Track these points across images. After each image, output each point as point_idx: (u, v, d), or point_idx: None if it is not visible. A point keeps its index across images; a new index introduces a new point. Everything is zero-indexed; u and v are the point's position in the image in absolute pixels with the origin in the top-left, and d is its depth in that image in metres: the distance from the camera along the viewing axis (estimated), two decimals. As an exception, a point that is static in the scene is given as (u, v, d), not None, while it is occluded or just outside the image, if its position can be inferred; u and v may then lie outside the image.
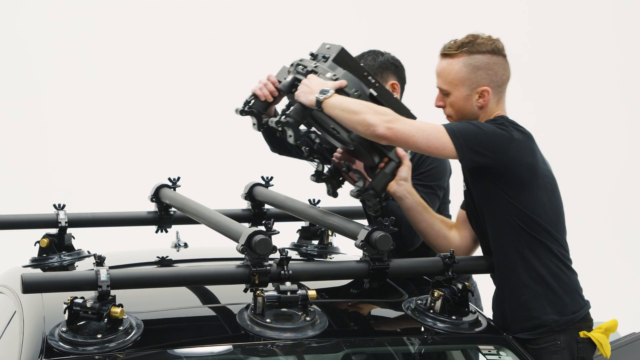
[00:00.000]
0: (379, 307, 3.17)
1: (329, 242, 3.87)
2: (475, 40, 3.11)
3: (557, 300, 3.03)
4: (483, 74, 3.10)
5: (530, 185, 3.02)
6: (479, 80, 3.09)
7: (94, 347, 2.60)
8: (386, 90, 3.20)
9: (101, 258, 2.72)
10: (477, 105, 3.11)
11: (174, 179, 3.79)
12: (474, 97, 3.10)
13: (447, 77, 3.12)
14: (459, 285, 2.98)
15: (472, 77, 3.09)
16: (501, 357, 2.93)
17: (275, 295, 2.72)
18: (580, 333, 3.04)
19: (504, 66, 3.14)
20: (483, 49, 3.10)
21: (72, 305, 2.61)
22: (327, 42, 3.28)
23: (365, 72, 3.16)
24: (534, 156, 3.03)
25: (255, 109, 3.44)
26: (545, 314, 3.02)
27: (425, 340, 2.93)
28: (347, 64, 3.16)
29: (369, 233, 2.93)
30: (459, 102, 3.12)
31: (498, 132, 2.99)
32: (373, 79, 3.15)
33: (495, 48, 3.12)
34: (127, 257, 3.64)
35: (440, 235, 3.20)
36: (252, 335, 2.71)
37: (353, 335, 2.91)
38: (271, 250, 2.77)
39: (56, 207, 3.71)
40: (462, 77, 3.09)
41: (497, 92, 3.12)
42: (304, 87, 3.09)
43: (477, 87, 3.09)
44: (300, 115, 3.12)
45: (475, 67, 3.09)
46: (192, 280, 2.99)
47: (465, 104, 3.11)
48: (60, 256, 3.62)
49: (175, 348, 2.72)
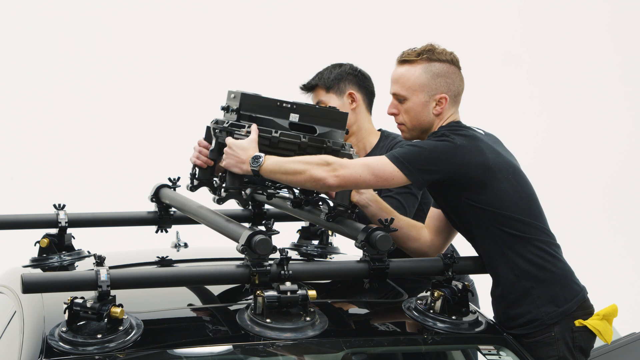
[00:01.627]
0: (379, 307, 3.17)
1: (329, 242, 3.88)
2: (434, 49, 3.16)
3: (547, 292, 3.03)
4: (442, 82, 3.14)
5: (489, 183, 3.02)
6: (438, 87, 3.13)
7: (94, 347, 2.60)
8: (309, 106, 3.18)
9: (101, 258, 2.72)
10: (434, 113, 3.14)
11: (174, 179, 3.80)
12: (432, 105, 3.14)
13: (406, 82, 3.14)
14: (459, 285, 2.98)
15: (431, 83, 3.13)
16: (501, 357, 2.93)
17: (275, 295, 2.72)
18: (576, 322, 3.04)
19: (461, 78, 3.19)
20: (442, 57, 3.15)
21: (72, 305, 2.61)
22: (232, 90, 3.23)
23: (278, 102, 3.14)
24: (483, 154, 3.03)
25: (202, 178, 3.37)
26: (536, 307, 3.02)
27: (425, 340, 2.93)
28: (254, 105, 3.12)
29: (369, 233, 2.93)
30: (415, 109, 3.14)
31: (439, 144, 3.01)
32: (288, 103, 3.14)
33: (453, 59, 3.17)
34: (127, 257, 3.64)
35: (410, 238, 3.22)
36: (252, 335, 2.71)
37: (353, 335, 2.91)
38: (271, 250, 2.78)
39: (56, 207, 3.71)
40: (422, 82, 3.13)
41: (453, 101, 3.16)
42: (230, 158, 3.05)
43: (436, 94, 3.13)
44: (237, 183, 3.10)
45: (435, 73, 3.13)
46: (192, 280, 2.99)
47: (422, 111, 3.14)
48: (60, 256, 3.62)
49: (175, 348, 2.72)
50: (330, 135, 3.17)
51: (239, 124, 3.11)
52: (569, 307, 3.04)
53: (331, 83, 3.67)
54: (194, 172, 3.38)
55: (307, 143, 3.09)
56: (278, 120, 3.11)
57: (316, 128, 3.15)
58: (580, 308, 3.06)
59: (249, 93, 3.14)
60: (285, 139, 3.09)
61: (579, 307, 3.05)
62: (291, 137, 3.09)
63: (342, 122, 3.22)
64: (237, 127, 3.10)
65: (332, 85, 3.66)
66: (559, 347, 3.02)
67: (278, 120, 3.11)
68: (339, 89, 3.67)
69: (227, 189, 3.11)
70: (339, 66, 3.72)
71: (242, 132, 3.07)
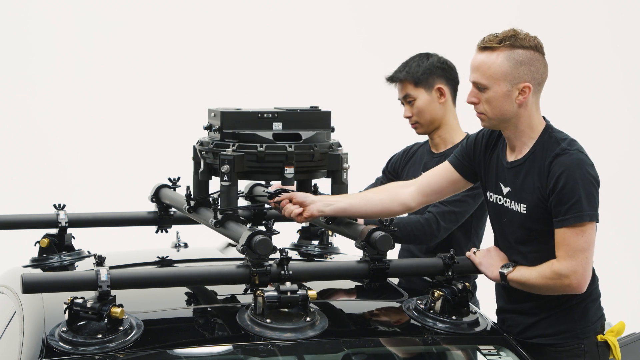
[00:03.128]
0: (379, 307, 3.17)
1: (329, 242, 3.88)
2: (517, 35, 2.96)
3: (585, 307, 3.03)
4: (525, 70, 2.94)
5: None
6: (521, 75, 2.94)
7: (94, 347, 2.60)
8: (291, 112, 3.17)
9: (101, 258, 2.72)
10: (517, 103, 2.95)
11: (174, 179, 3.80)
12: (514, 94, 2.95)
13: (486, 71, 2.95)
14: (459, 286, 2.98)
15: (514, 72, 2.93)
16: (501, 357, 2.93)
17: (275, 295, 2.72)
18: (598, 337, 3.05)
19: (544, 64, 2.99)
20: (525, 44, 2.95)
21: (72, 306, 2.61)
22: (211, 109, 3.23)
23: (259, 113, 3.13)
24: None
25: (198, 199, 3.34)
26: (573, 321, 3.03)
27: (425, 340, 2.93)
28: (235, 121, 3.12)
29: (369, 233, 2.93)
30: (497, 99, 2.95)
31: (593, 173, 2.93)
32: (269, 113, 3.12)
33: (537, 44, 2.98)
34: (127, 257, 3.64)
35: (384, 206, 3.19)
36: (252, 335, 2.71)
37: (353, 335, 2.91)
38: (271, 250, 2.78)
39: (56, 207, 3.71)
40: (504, 71, 2.93)
41: (536, 90, 2.98)
42: (487, 260, 3.05)
43: (519, 83, 2.94)
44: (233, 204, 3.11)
45: (518, 61, 2.93)
46: (192, 280, 2.99)
47: (504, 101, 2.95)
48: (60, 256, 3.62)
49: (175, 348, 2.72)
50: (316, 138, 3.15)
51: (224, 143, 3.10)
52: (596, 325, 3.06)
53: (420, 77, 3.63)
54: (188, 193, 3.37)
55: (294, 152, 3.07)
56: (261, 133, 3.10)
57: (301, 134, 3.14)
58: (601, 327, 3.09)
59: (228, 110, 3.14)
60: (271, 152, 3.07)
61: (601, 326, 3.08)
62: (277, 149, 3.07)
63: (327, 121, 3.20)
64: (222, 146, 3.09)
65: (421, 79, 3.62)
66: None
67: (261, 133, 3.10)
68: (428, 84, 3.63)
69: (222, 210, 3.10)
70: (427, 57, 3.67)
71: (227, 151, 3.05)
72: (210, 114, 3.22)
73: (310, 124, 3.17)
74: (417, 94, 3.65)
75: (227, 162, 3.03)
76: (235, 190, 3.08)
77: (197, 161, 3.29)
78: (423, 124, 3.68)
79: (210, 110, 3.23)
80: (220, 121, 3.12)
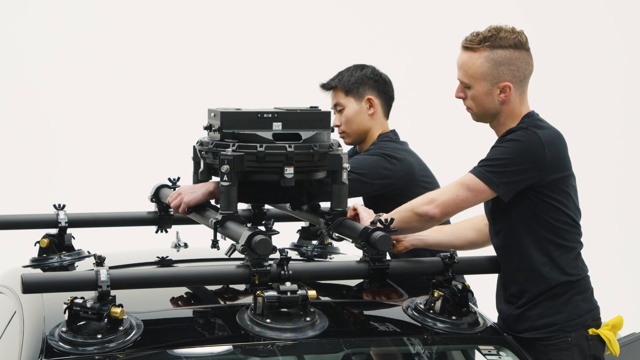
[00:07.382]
0: (379, 307, 3.17)
1: (329, 242, 3.88)
2: (497, 34, 3.03)
3: (571, 300, 3.04)
4: (505, 69, 3.03)
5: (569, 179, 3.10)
6: (500, 75, 3.03)
7: (94, 347, 2.60)
8: (291, 112, 3.16)
9: (101, 258, 2.72)
10: (499, 101, 3.06)
11: (174, 179, 3.80)
12: (496, 92, 3.05)
13: (468, 70, 3.06)
14: (459, 286, 2.98)
15: (493, 72, 3.03)
16: (501, 357, 2.93)
17: (275, 295, 2.72)
18: (589, 330, 3.04)
19: (527, 60, 3.07)
20: (505, 43, 3.03)
21: (72, 306, 2.61)
22: (211, 109, 3.23)
23: (258, 113, 3.13)
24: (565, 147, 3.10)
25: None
26: (558, 312, 3.03)
27: (425, 340, 2.93)
28: (235, 121, 3.12)
29: (368, 233, 2.93)
30: (480, 97, 3.07)
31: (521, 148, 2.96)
32: (269, 113, 3.13)
33: (517, 42, 3.04)
34: (127, 257, 3.64)
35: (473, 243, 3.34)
36: (252, 335, 2.71)
37: (353, 335, 2.90)
38: (271, 250, 2.78)
39: (56, 207, 3.71)
40: (484, 72, 3.04)
41: (519, 86, 3.06)
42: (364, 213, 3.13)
43: (499, 82, 3.04)
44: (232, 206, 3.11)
45: (497, 62, 3.03)
46: (192, 280, 2.99)
47: (486, 99, 3.06)
48: (60, 256, 3.62)
49: (175, 348, 2.72)
50: (316, 138, 3.16)
51: (224, 143, 3.10)
52: (585, 319, 3.05)
53: (351, 86, 3.64)
54: None
55: (294, 152, 3.08)
56: (261, 133, 3.10)
57: (301, 135, 3.14)
58: (593, 320, 3.08)
59: (228, 110, 3.15)
60: (270, 152, 3.07)
61: (592, 320, 3.08)
62: (276, 149, 3.08)
63: (327, 121, 3.21)
64: (222, 146, 3.10)
65: (351, 88, 3.64)
66: (574, 354, 3.02)
67: (261, 133, 3.10)
68: (358, 93, 3.65)
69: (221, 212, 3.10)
70: (360, 69, 3.69)
71: (227, 151, 3.04)
72: (210, 114, 3.23)
73: (310, 124, 3.17)
74: (346, 102, 3.66)
75: (227, 162, 3.04)
76: (236, 190, 3.08)
77: (197, 161, 3.29)
78: (350, 134, 3.69)
79: (210, 110, 3.23)
80: (220, 121, 3.12)
